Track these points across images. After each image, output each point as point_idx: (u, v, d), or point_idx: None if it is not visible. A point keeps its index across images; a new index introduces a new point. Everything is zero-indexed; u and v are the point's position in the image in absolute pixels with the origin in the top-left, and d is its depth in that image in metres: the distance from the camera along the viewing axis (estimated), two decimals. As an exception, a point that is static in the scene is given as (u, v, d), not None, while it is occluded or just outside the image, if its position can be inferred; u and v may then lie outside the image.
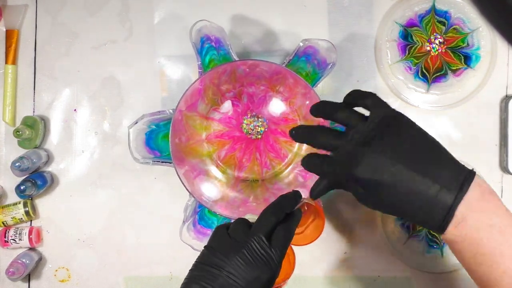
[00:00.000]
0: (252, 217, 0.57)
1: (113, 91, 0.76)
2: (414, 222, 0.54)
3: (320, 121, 0.65)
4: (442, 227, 0.47)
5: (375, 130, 0.49)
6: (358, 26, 0.74)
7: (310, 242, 0.67)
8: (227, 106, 0.68)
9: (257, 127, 0.69)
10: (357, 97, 0.53)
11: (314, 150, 0.53)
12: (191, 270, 0.50)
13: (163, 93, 0.75)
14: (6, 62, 0.75)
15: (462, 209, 0.46)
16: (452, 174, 0.47)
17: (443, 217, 0.47)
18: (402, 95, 0.73)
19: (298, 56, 0.66)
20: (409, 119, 0.51)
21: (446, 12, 0.73)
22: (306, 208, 0.71)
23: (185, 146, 0.66)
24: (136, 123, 0.66)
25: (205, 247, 0.51)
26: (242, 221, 0.53)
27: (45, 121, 0.76)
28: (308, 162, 0.53)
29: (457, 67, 0.73)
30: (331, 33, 0.74)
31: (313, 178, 0.63)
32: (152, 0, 0.75)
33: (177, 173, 0.61)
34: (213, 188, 0.67)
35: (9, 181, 0.75)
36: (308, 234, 0.68)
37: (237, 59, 0.67)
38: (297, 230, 0.70)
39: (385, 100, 0.74)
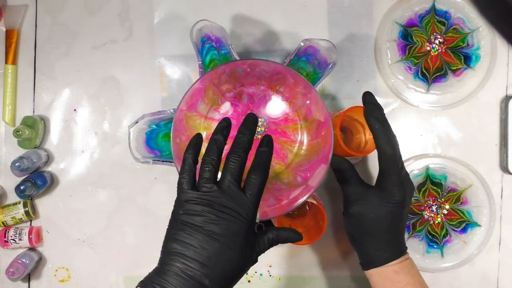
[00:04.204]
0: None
1: (113, 91, 0.76)
2: (354, 248, 0.66)
3: (321, 121, 0.65)
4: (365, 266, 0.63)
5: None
6: (358, 26, 0.74)
7: (312, 242, 0.67)
8: (226, 106, 0.68)
9: (257, 127, 0.69)
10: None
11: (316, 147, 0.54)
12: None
13: (163, 93, 0.75)
14: (6, 62, 0.75)
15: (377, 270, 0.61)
16: (397, 250, 0.62)
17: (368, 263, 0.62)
18: (402, 95, 0.73)
19: (298, 56, 0.66)
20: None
21: (446, 12, 0.73)
22: (308, 208, 0.71)
23: (184, 146, 0.66)
24: (137, 122, 0.66)
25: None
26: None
27: (45, 121, 0.76)
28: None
29: (457, 67, 0.73)
30: (331, 33, 0.74)
31: (313, 178, 0.63)
32: (152, 0, 0.75)
33: (178, 172, 0.61)
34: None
35: (9, 181, 0.75)
36: (310, 234, 0.68)
37: (238, 58, 0.67)
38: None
39: (385, 100, 0.74)
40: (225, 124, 0.53)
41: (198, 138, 0.53)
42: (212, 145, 0.52)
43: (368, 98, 0.63)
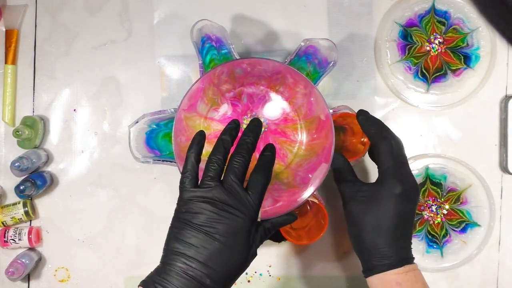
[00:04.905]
0: None
1: (113, 91, 0.76)
2: (355, 250, 0.63)
3: (321, 119, 0.65)
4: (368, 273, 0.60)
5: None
6: (358, 26, 0.74)
7: (313, 241, 0.67)
8: (225, 108, 0.68)
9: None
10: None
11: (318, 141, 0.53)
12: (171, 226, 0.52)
13: (163, 93, 0.75)
14: (6, 62, 0.75)
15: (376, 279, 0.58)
16: (400, 257, 0.58)
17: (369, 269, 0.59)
18: (401, 95, 0.73)
19: (299, 56, 0.66)
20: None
21: (445, 12, 0.73)
22: (309, 207, 0.71)
23: (184, 146, 0.66)
24: (137, 122, 0.66)
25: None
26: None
27: (44, 121, 0.76)
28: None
29: (457, 67, 0.73)
30: (331, 33, 0.74)
31: (314, 177, 0.63)
32: (152, 0, 0.75)
33: (180, 171, 0.61)
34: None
35: (9, 181, 0.75)
36: (311, 233, 0.68)
37: (238, 58, 0.67)
38: (300, 229, 0.70)
39: (385, 100, 0.74)
40: (233, 126, 0.54)
41: (200, 135, 0.54)
42: (219, 145, 0.52)
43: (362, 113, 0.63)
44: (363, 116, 0.62)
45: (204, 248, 0.48)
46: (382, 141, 0.60)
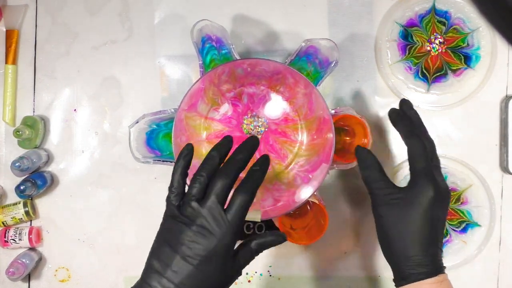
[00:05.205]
0: (253, 215, 0.57)
1: (113, 91, 0.76)
2: (386, 257, 0.60)
3: (322, 119, 0.65)
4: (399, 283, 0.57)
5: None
6: (358, 26, 0.74)
7: (313, 242, 0.67)
8: (226, 107, 0.68)
9: (257, 127, 0.69)
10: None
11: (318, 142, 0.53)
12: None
13: (163, 93, 0.75)
14: (6, 62, 0.75)
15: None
16: (434, 266, 0.56)
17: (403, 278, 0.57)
18: (402, 95, 0.73)
19: (299, 57, 0.66)
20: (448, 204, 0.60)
21: (446, 12, 0.73)
22: (309, 208, 0.71)
23: (185, 146, 0.66)
24: (137, 122, 0.66)
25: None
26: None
27: (45, 121, 0.76)
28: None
29: (457, 67, 0.73)
30: (331, 33, 0.74)
31: (313, 179, 0.63)
32: (152, 0, 0.75)
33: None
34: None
35: (9, 181, 0.75)
36: (311, 233, 0.68)
37: (239, 58, 0.67)
38: (300, 230, 0.70)
39: (385, 100, 0.74)
40: (225, 142, 0.52)
41: (187, 149, 0.52)
42: (206, 161, 0.50)
43: (405, 107, 0.63)
44: (396, 114, 0.62)
45: (179, 268, 0.47)
46: (414, 141, 0.58)
